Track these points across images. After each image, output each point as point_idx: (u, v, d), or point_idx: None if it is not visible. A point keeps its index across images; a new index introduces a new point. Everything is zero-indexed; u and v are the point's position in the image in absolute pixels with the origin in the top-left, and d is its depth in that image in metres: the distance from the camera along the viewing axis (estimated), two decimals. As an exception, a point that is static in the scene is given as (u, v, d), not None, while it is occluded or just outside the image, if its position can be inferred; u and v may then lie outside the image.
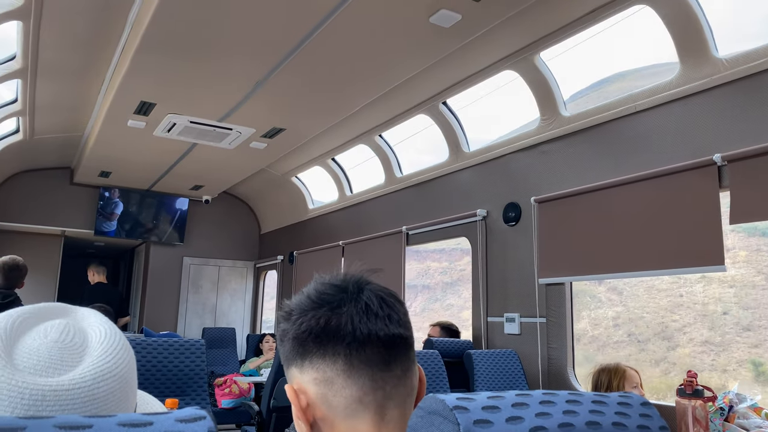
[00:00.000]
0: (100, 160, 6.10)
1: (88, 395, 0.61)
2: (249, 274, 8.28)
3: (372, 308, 0.73)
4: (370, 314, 0.72)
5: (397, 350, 0.73)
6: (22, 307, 0.68)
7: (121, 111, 4.51)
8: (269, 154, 5.64)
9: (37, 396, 0.58)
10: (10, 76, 4.12)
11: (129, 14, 3.38)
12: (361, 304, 0.73)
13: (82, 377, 0.61)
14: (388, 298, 0.75)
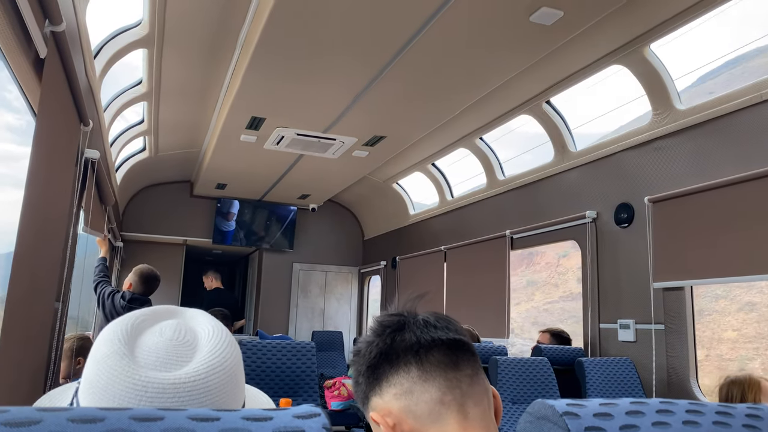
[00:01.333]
0: (216, 173, 6.53)
1: (202, 388, 0.65)
2: (354, 279, 8.48)
3: (430, 322, 0.80)
4: (429, 326, 0.79)
5: (462, 352, 0.78)
6: (139, 309, 0.74)
7: (234, 127, 4.80)
8: (371, 161, 5.75)
9: (158, 389, 0.63)
10: (137, 100, 4.52)
11: (238, 37, 3.60)
12: (419, 321, 0.80)
13: (196, 371, 0.66)
14: (441, 315, 0.83)
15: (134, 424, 0.41)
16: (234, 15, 3.41)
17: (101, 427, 0.40)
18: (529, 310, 17.43)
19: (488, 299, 5.25)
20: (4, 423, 0.39)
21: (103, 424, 0.40)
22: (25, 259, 1.98)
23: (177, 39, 3.66)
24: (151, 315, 0.73)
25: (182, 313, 0.77)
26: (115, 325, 0.70)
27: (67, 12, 2.24)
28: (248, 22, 3.39)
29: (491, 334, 4.98)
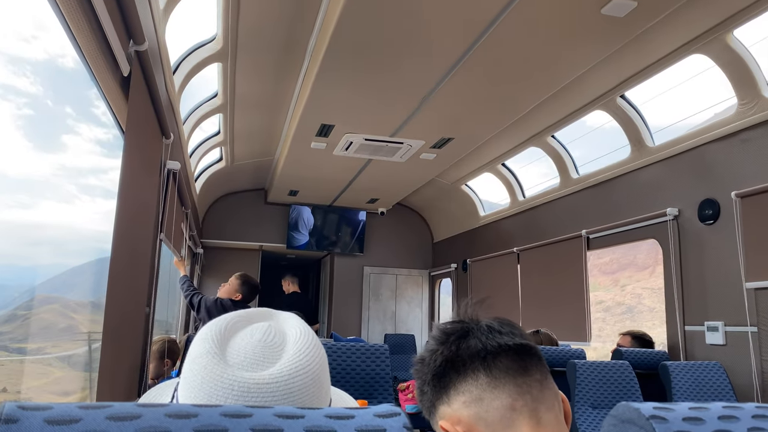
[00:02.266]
0: (288, 181, 6.71)
1: (285, 389, 0.68)
2: (424, 282, 8.46)
3: (494, 328, 0.79)
4: (494, 332, 0.78)
5: (530, 357, 0.77)
6: (235, 311, 0.78)
7: (305, 135, 4.92)
8: (439, 164, 5.74)
9: (244, 388, 0.66)
10: (213, 112, 4.73)
11: (307, 47, 3.69)
12: (483, 328, 0.79)
13: (279, 373, 0.69)
14: (505, 320, 0.82)
15: (225, 420, 0.43)
16: (302, 27, 3.50)
17: (195, 423, 0.42)
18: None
19: (565, 302, 5.10)
20: (109, 417, 0.41)
21: (196, 419, 0.43)
22: (120, 266, 2.11)
23: (249, 52, 3.80)
24: (245, 317, 0.77)
25: (275, 316, 0.80)
26: (211, 325, 0.74)
27: (149, 32, 2.37)
28: (316, 33, 3.47)
29: (569, 338, 4.84)
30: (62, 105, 4.02)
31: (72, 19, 1.77)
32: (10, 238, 3.17)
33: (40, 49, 3.53)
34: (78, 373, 3.84)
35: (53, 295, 5.43)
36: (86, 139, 5.09)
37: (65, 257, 4.27)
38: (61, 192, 4.09)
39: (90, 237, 4.03)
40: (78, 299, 5.35)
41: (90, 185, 4.92)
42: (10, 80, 3.58)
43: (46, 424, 0.40)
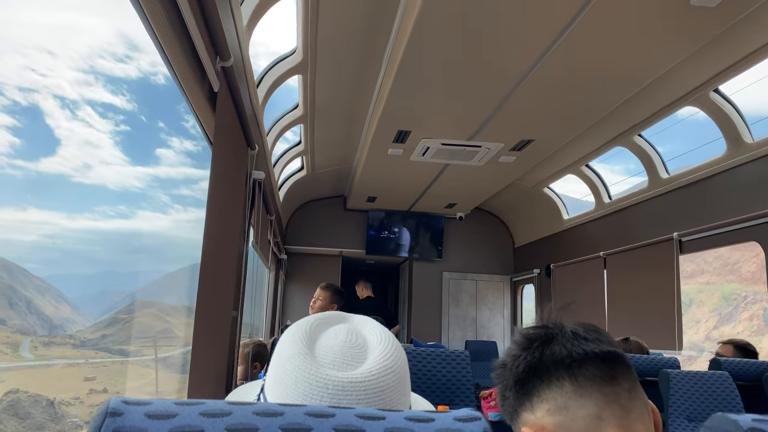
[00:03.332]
0: (366, 187, 6.80)
1: (375, 387, 0.70)
2: (506, 288, 8.30)
3: (579, 334, 0.76)
4: (579, 339, 0.75)
5: (618, 365, 0.73)
6: (313, 315, 0.82)
7: (382, 141, 4.97)
8: (519, 166, 5.62)
9: (337, 387, 0.69)
10: (294, 123, 4.88)
11: (383, 55, 3.74)
12: (567, 334, 0.76)
13: (369, 371, 0.71)
14: (591, 326, 0.78)
15: (309, 420, 0.45)
16: (378, 35, 3.55)
17: (281, 421, 0.44)
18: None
19: (655, 308, 4.84)
20: (202, 413, 0.44)
21: (282, 418, 0.44)
22: (209, 272, 2.22)
23: (327, 63, 3.89)
24: (324, 319, 0.81)
25: (351, 318, 0.83)
26: (295, 327, 0.78)
27: (234, 48, 2.49)
28: (392, 40, 3.51)
29: (660, 346, 4.59)
30: (155, 120, 4.30)
31: (165, 39, 1.89)
32: (112, 247, 3.42)
33: (134, 68, 3.80)
34: (173, 375, 4.07)
35: (150, 300, 5.76)
36: (177, 152, 5.41)
37: (161, 264, 4.55)
38: (156, 202, 4.36)
39: (183, 244, 4.28)
40: (173, 303, 5.64)
41: (182, 195, 5.21)
42: (109, 99, 3.86)
43: (146, 417, 0.43)
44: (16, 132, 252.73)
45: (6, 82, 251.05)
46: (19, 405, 57.15)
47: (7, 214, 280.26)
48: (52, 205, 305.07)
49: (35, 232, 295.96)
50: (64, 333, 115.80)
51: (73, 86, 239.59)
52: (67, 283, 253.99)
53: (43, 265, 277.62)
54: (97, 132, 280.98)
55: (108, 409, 0.43)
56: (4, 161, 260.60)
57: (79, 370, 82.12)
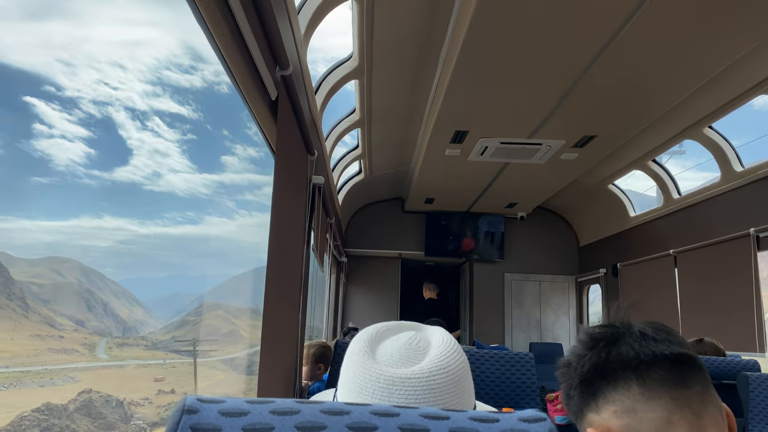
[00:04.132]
0: (424, 189, 6.80)
1: (426, 385, 0.75)
2: (571, 289, 8.09)
3: (648, 334, 0.74)
4: (647, 339, 0.73)
5: (688, 367, 0.71)
6: (384, 323, 0.89)
7: (439, 142, 4.96)
8: (581, 163, 5.47)
9: (388, 381, 0.74)
10: (352, 127, 4.94)
11: (439, 56, 3.73)
12: (635, 334, 0.74)
13: (421, 369, 0.76)
14: (659, 325, 0.76)
15: (374, 419, 0.46)
16: (433, 36, 3.55)
17: (347, 419, 0.45)
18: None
19: (732, 308, 4.60)
20: (272, 411, 0.46)
21: (349, 416, 0.46)
22: (274, 274, 2.28)
23: (383, 67, 3.92)
24: (395, 327, 0.87)
25: (424, 328, 0.88)
26: (364, 332, 0.85)
27: (292, 57, 2.54)
28: (447, 41, 3.50)
29: (739, 348, 4.35)
30: (220, 128, 4.47)
31: (226, 50, 1.96)
32: (181, 251, 3.58)
33: (199, 78, 3.96)
34: (238, 376, 4.20)
35: (217, 303, 5.98)
36: (241, 158, 5.59)
37: (227, 267, 4.72)
38: (222, 207, 4.53)
39: (248, 248, 4.42)
40: (238, 305, 5.84)
41: (246, 200, 5.39)
42: (176, 109, 4.04)
43: (220, 415, 0.45)
44: (92, 143, 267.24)
45: (82, 96, 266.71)
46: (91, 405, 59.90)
47: (84, 222, 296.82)
48: (125, 212, 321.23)
49: (110, 239, 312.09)
50: (137, 335, 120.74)
51: (142, 98, 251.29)
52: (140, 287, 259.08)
53: (117, 270, 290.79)
54: (166, 141, 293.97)
55: (185, 406, 0.45)
56: (82, 171, 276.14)
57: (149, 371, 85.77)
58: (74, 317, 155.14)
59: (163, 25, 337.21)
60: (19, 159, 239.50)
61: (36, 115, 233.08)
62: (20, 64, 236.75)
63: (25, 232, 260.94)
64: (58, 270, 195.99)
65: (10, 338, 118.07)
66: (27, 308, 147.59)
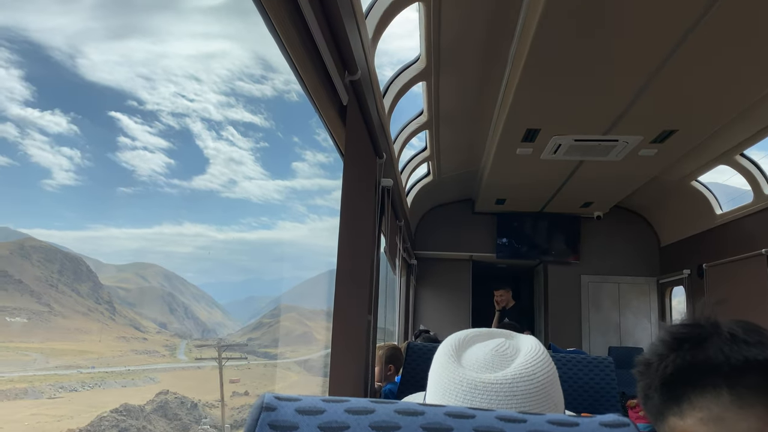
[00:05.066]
0: (495, 189, 6.69)
1: (509, 391, 0.75)
2: (652, 291, 7.72)
3: (738, 336, 0.68)
4: (738, 342, 0.67)
5: None
6: (478, 328, 0.91)
7: (510, 142, 4.87)
8: (661, 159, 5.22)
9: (471, 386, 0.76)
10: (420, 129, 4.94)
11: (508, 54, 3.66)
12: (724, 335, 0.68)
13: (504, 376, 0.77)
14: (751, 325, 0.70)
15: (449, 420, 0.45)
16: (502, 33, 3.49)
17: (422, 420, 0.45)
18: None
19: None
20: (347, 410, 0.46)
21: (423, 417, 0.46)
22: (345, 277, 2.32)
23: (451, 67, 3.90)
24: (485, 333, 0.89)
25: (515, 336, 0.89)
26: (452, 338, 0.87)
27: (361, 62, 2.57)
28: (516, 37, 3.43)
29: None
30: (290, 135, 4.59)
31: (297, 58, 2.01)
32: (257, 256, 3.69)
33: (270, 87, 4.08)
34: (312, 378, 4.30)
35: (291, 305, 6.14)
36: (311, 164, 5.72)
37: (300, 270, 4.84)
38: (294, 212, 4.65)
39: (319, 251, 4.52)
40: (312, 308, 5.97)
41: (317, 205, 5.50)
42: (249, 118, 4.18)
43: (296, 413, 0.46)
44: (171, 154, 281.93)
45: (161, 109, 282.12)
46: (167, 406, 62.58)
47: (166, 229, 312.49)
48: (204, 219, 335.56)
49: (190, 244, 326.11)
50: (215, 336, 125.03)
51: (217, 108, 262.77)
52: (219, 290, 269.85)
53: (198, 274, 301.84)
54: (240, 150, 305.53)
55: (263, 403, 0.47)
56: (163, 181, 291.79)
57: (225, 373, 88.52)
58: (157, 320, 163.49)
59: (236, 38, 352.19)
60: (107, 171, 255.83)
61: (120, 129, 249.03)
62: (106, 81, 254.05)
63: (113, 240, 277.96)
64: (143, 275, 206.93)
65: (98, 340, 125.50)
66: (114, 311, 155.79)
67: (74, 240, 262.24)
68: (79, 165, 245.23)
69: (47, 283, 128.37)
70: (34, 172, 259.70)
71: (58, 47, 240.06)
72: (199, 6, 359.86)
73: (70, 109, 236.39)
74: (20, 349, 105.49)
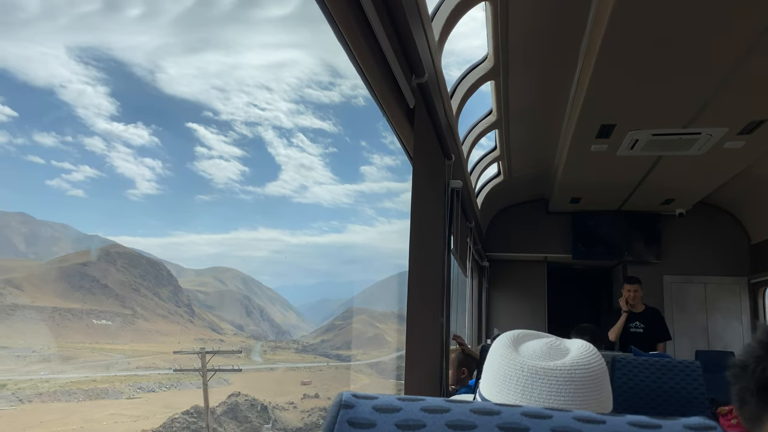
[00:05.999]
0: (569, 188, 6.50)
1: (568, 377, 0.80)
2: (742, 291, 7.25)
3: None
4: None
5: None
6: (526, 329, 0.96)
7: (584, 139, 4.72)
8: (749, 152, 4.89)
9: (531, 371, 0.81)
10: (489, 129, 4.88)
11: (579, 48, 3.56)
12: None
13: (563, 363, 0.82)
14: None
15: (525, 420, 0.45)
16: (572, 26, 3.39)
17: (497, 420, 0.45)
18: None
19: None
20: (423, 409, 0.47)
21: (499, 417, 0.46)
22: (416, 280, 2.33)
23: (520, 65, 3.83)
24: (534, 333, 0.95)
25: (561, 339, 0.94)
26: (505, 336, 0.92)
27: (428, 64, 2.58)
28: (588, 30, 3.33)
29: None
30: (358, 139, 4.66)
31: (365, 64, 2.04)
32: (328, 259, 3.77)
33: (338, 93, 4.17)
34: (383, 380, 4.33)
35: (362, 308, 6.21)
36: (379, 167, 5.78)
37: (370, 273, 4.90)
38: (363, 216, 4.71)
39: (389, 254, 4.56)
40: (382, 310, 6.03)
41: (385, 208, 5.56)
42: (318, 124, 4.28)
43: (374, 410, 0.47)
44: (245, 161, 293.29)
45: (235, 119, 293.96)
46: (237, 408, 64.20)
47: (242, 234, 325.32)
48: (277, 224, 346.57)
49: (265, 249, 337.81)
50: (289, 338, 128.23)
51: (287, 116, 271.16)
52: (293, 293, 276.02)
53: (272, 277, 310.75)
54: (309, 156, 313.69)
55: (341, 401, 0.48)
56: (238, 188, 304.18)
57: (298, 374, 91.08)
58: (235, 322, 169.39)
59: (304, 46, 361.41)
60: (186, 179, 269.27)
61: (197, 139, 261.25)
62: (183, 93, 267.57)
63: (193, 245, 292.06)
64: (221, 278, 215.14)
65: (177, 342, 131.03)
66: (192, 314, 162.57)
67: (157, 246, 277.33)
68: (161, 175, 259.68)
69: (130, 287, 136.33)
70: (120, 182, 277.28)
71: (139, 63, 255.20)
72: (269, 17, 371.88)
73: (151, 122, 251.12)
74: (105, 350, 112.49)
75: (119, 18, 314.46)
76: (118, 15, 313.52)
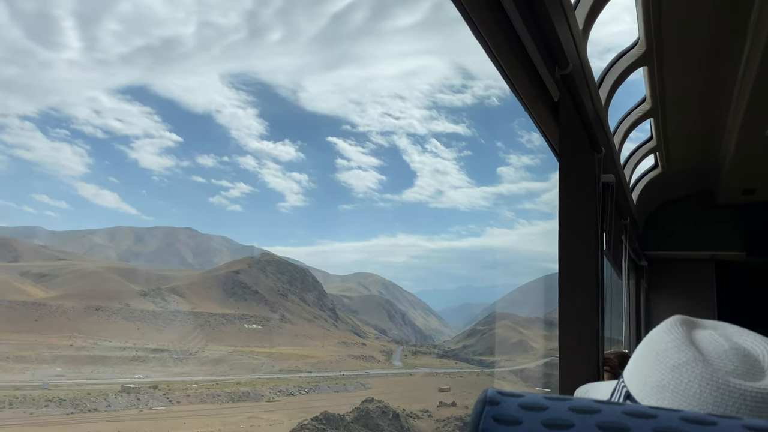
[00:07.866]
0: (741, 178, 5.85)
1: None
2: None
3: None
4: None
5: None
6: (673, 317, 0.87)
7: (757, 122, 4.22)
8: None
9: (744, 396, 0.65)
10: (643, 118, 4.55)
11: (748, 21, 3.17)
12: None
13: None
14: None
15: (685, 425, 0.43)
16: (737, 2, 3.04)
17: (653, 423, 0.43)
18: None
19: None
20: (571, 408, 0.46)
21: (655, 420, 0.43)
22: (567, 282, 2.22)
23: (676, 46, 3.52)
24: (690, 321, 0.84)
25: (707, 323, 0.86)
26: (667, 333, 0.80)
27: (572, 55, 2.45)
28: (757, 3, 2.96)
29: None
30: (492, 141, 4.55)
31: (504, 60, 1.99)
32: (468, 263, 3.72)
33: (470, 95, 4.10)
34: (527, 389, 4.19)
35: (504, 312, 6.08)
36: (516, 168, 5.62)
37: (511, 277, 4.79)
38: (501, 218, 4.61)
39: (531, 257, 4.42)
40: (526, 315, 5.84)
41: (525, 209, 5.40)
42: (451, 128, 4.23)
43: (519, 408, 0.46)
44: (382, 170, 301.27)
45: (371, 130, 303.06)
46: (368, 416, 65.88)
47: (382, 240, 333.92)
48: (415, 230, 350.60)
49: (404, 254, 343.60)
50: (430, 343, 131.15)
51: (421, 123, 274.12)
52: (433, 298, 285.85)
53: (413, 282, 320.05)
54: (444, 160, 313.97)
55: (486, 398, 0.48)
56: (377, 196, 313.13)
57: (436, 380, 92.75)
58: (378, 326, 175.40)
59: (434, 52, 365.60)
60: (329, 191, 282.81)
61: (337, 152, 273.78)
62: (323, 110, 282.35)
63: (337, 253, 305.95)
64: (364, 284, 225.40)
65: (320, 345, 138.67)
66: (336, 318, 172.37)
67: (306, 254, 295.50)
68: (306, 188, 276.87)
69: (279, 293, 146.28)
70: (271, 196, 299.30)
71: (282, 84, 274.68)
72: (398, 27, 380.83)
73: (296, 138, 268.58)
74: (253, 354, 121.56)
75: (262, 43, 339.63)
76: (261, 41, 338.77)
